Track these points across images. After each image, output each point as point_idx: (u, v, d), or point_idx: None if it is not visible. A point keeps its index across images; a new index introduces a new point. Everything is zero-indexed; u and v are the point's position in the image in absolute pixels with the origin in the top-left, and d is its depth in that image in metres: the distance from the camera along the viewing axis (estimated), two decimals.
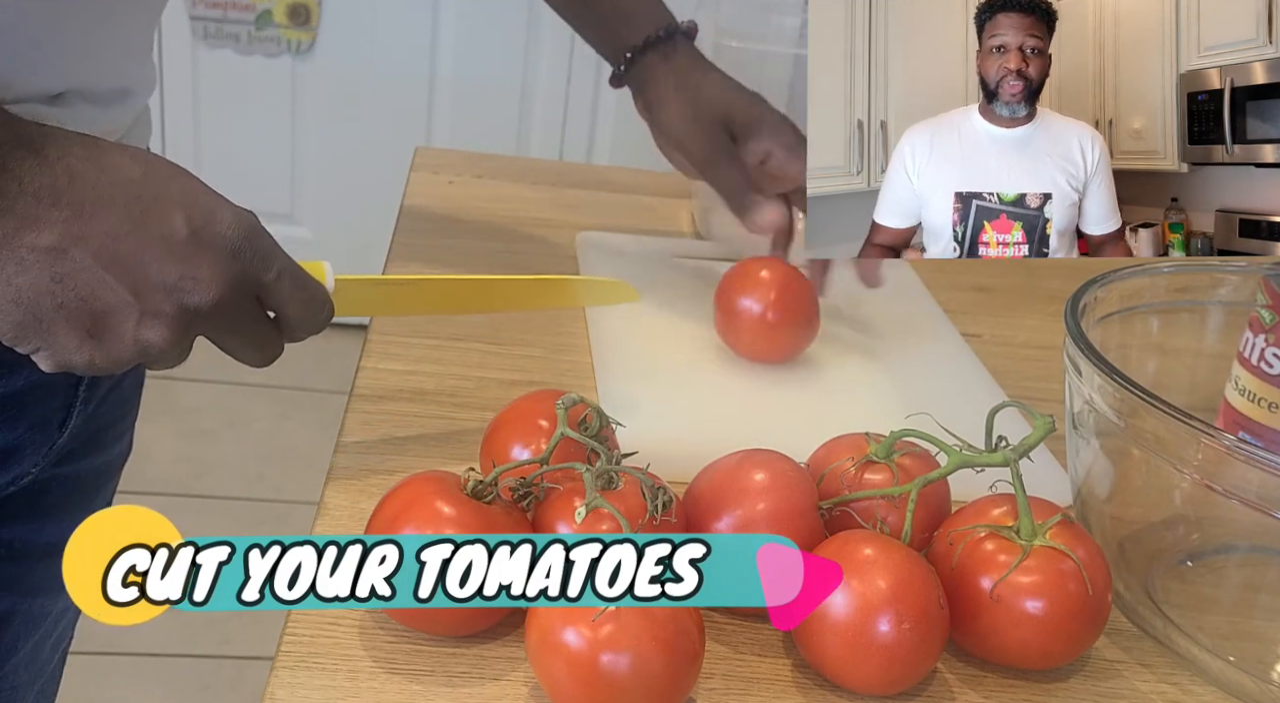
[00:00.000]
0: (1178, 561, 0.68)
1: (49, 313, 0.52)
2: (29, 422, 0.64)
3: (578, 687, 0.51)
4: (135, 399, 0.80)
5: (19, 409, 0.63)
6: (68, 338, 0.53)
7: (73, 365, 0.54)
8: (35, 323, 0.52)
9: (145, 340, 0.54)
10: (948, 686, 0.58)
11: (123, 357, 0.54)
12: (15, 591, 0.72)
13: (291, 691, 0.53)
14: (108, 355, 0.54)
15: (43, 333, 0.53)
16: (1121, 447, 0.64)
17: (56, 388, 0.65)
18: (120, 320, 0.53)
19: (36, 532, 0.72)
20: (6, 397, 0.62)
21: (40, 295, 0.51)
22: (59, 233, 0.51)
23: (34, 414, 0.64)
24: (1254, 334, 0.71)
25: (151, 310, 0.53)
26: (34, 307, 0.52)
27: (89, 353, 0.53)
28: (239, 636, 1.80)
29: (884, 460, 0.62)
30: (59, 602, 0.77)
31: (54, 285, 0.52)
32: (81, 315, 0.53)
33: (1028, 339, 0.95)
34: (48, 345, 0.53)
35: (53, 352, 0.54)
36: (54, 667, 0.83)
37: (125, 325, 0.53)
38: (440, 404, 0.76)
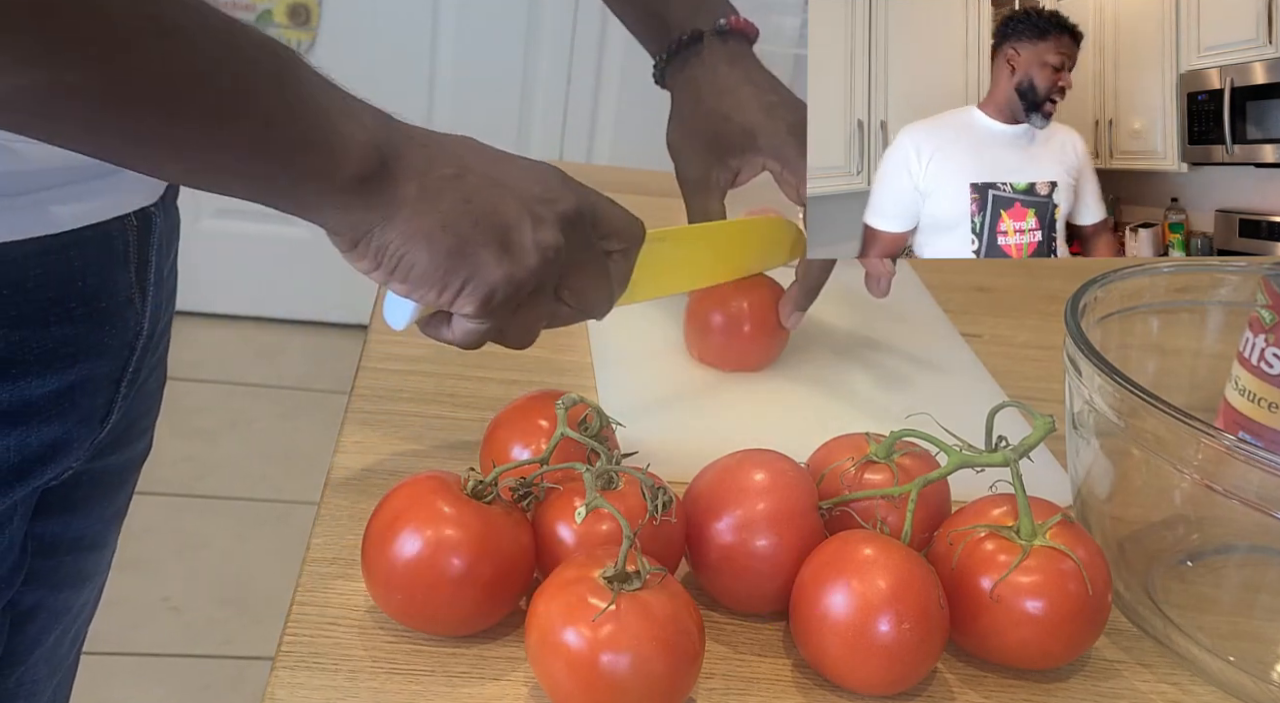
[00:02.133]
0: (1178, 561, 0.68)
1: (468, 232, 0.57)
2: (78, 416, 0.65)
3: (578, 687, 0.51)
4: (158, 397, 0.81)
5: (70, 404, 0.64)
6: (488, 254, 0.58)
7: (495, 286, 0.58)
8: (461, 246, 0.57)
9: (544, 242, 0.59)
10: (948, 686, 0.58)
11: (531, 263, 0.59)
12: (44, 585, 0.74)
13: (291, 691, 0.53)
14: (520, 265, 0.58)
15: (468, 256, 0.57)
16: (1121, 447, 0.64)
17: (101, 382, 0.66)
18: (520, 229, 0.59)
19: (66, 526, 0.74)
20: (60, 392, 0.62)
21: (459, 216, 0.57)
22: (452, 164, 0.58)
23: (82, 409, 0.65)
24: (1254, 334, 0.71)
25: (537, 216, 0.59)
26: (457, 228, 0.57)
27: (507, 267, 0.58)
28: (239, 636, 1.80)
29: (884, 460, 0.62)
30: (81, 595, 0.79)
31: (466, 205, 0.57)
32: (492, 229, 0.58)
33: (1028, 339, 0.95)
34: (473, 269, 0.57)
35: (479, 276, 0.58)
36: (71, 661, 0.84)
37: (524, 233, 0.59)
38: (440, 404, 0.76)
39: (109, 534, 0.81)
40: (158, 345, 0.74)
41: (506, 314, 0.60)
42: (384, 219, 0.56)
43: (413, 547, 0.55)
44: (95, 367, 0.64)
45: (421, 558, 0.55)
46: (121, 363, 0.67)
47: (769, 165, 0.80)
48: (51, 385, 0.62)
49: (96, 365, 0.64)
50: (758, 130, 0.79)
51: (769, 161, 0.79)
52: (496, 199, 0.59)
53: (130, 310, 0.67)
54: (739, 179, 0.82)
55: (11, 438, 0.61)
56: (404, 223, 0.56)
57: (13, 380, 0.60)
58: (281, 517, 2.04)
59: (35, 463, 0.63)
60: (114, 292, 0.65)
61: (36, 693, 0.78)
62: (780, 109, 0.79)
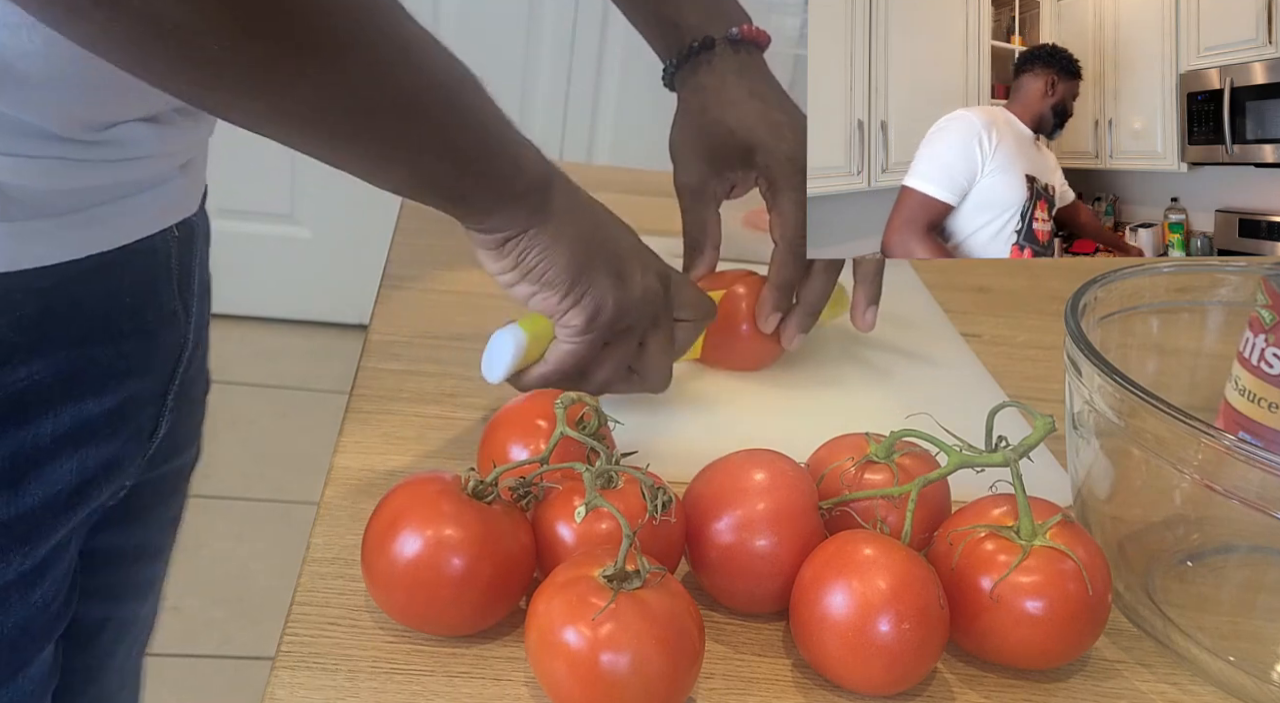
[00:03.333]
0: (1178, 561, 0.68)
1: (596, 252, 0.65)
2: (128, 433, 0.66)
3: (578, 687, 0.51)
4: (203, 402, 0.83)
5: (120, 422, 0.65)
6: (605, 277, 0.65)
7: (604, 304, 0.66)
8: (589, 262, 0.65)
9: (649, 286, 0.67)
10: (948, 686, 0.58)
11: (635, 296, 0.67)
12: (109, 597, 0.76)
13: (291, 691, 0.53)
14: (628, 295, 0.66)
15: (590, 273, 0.65)
16: (1121, 447, 0.64)
17: (148, 398, 0.67)
18: (633, 267, 0.67)
19: (126, 537, 0.76)
20: (113, 410, 0.64)
21: (591, 237, 0.65)
22: (580, 201, 0.66)
23: (132, 425, 0.66)
24: (1254, 334, 0.71)
25: (644, 263, 0.68)
26: (589, 246, 0.65)
27: (617, 292, 0.66)
28: (239, 636, 1.80)
29: (884, 460, 0.62)
30: (145, 605, 0.81)
31: (596, 230, 0.66)
32: (613, 257, 0.66)
33: (1028, 339, 0.95)
34: (592, 285, 0.65)
35: (595, 290, 0.65)
36: (137, 671, 0.87)
37: (635, 271, 0.67)
38: (440, 404, 0.76)
39: (166, 540, 0.83)
40: (198, 354, 0.75)
41: (598, 347, 0.67)
42: (540, 224, 0.63)
43: (413, 547, 0.55)
44: (143, 383, 0.66)
45: (421, 558, 0.55)
46: (167, 377, 0.69)
47: (759, 185, 0.80)
48: (107, 404, 0.63)
49: (144, 382, 0.66)
50: (757, 148, 0.79)
51: (760, 182, 0.80)
52: (617, 236, 0.68)
53: (175, 323, 0.68)
54: (734, 192, 0.83)
55: (73, 460, 0.62)
56: (554, 230, 0.64)
57: (74, 401, 0.61)
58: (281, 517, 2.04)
59: (92, 485, 0.64)
60: (159, 305, 0.66)
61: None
62: (784, 130, 0.79)
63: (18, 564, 0.60)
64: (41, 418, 0.59)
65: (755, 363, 0.83)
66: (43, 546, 0.61)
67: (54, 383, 0.60)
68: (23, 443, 0.59)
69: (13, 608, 0.61)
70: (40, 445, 0.60)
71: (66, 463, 0.61)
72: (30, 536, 0.60)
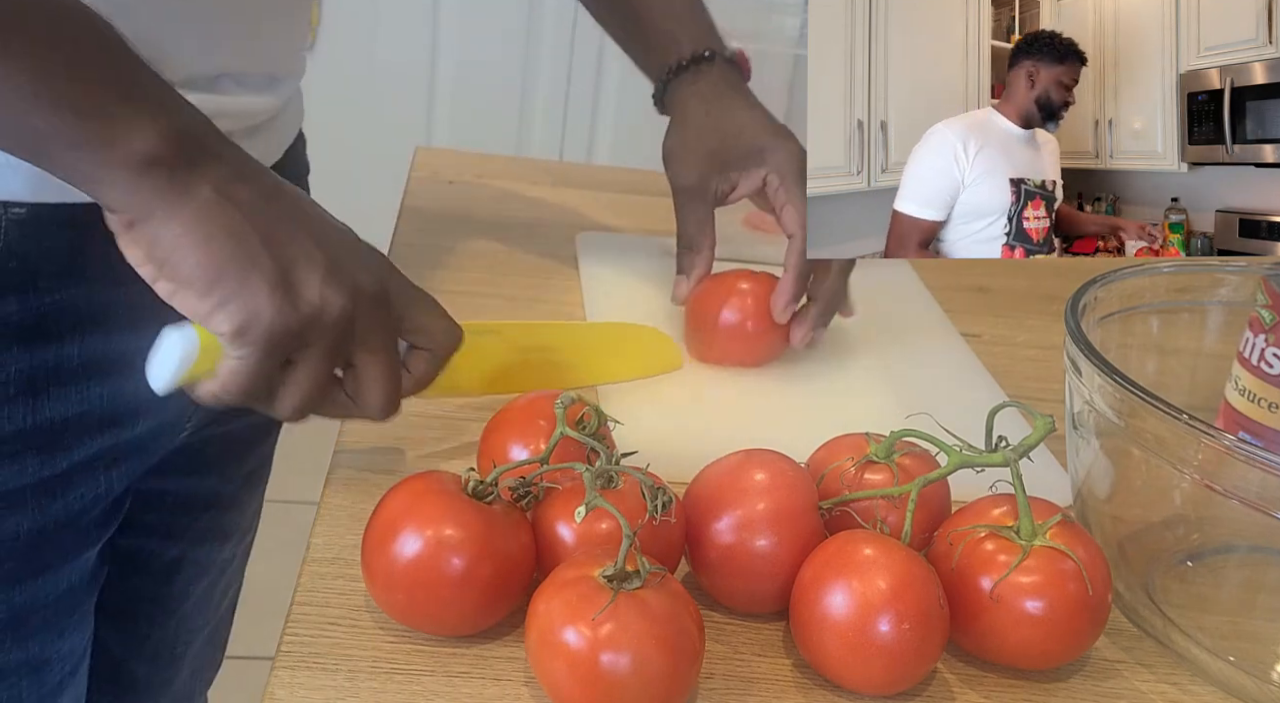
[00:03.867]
0: (1178, 561, 0.68)
1: (250, 250, 0.55)
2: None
3: (578, 687, 0.51)
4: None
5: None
6: (261, 281, 0.55)
7: (257, 315, 0.55)
8: (236, 260, 0.55)
9: (328, 298, 0.57)
10: (948, 686, 0.58)
11: (305, 312, 0.56)
12: (183, 539, 0.82)
13: (291, 691, 0.53)
14: (294, 307, 0.56)
15: (241, 273, 0.55)
16: (1121, 447, 0.64)
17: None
18: (308, 274, 0.56)
19: (196, 485, 0.81)
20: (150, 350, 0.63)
21: (247, 233, 0.55)
22: (259, 189, 0.57)
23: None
24: (1254, 334, 0.71)
25: (333, 273, 0.57)
26: (239, 241, 0.55)
27: (278, 302, 0.55)
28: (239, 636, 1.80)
29: (884, 460, 0.62)
30: (224, 550, 0.87)
31: (261, 227, 0.55)
32: (277, 259, 0.56)
33: (1028, 339, 0.95)
34: (241, 288, 0.55)
35: (243, 297, 0.55)
36: (224, 611, 0.94)
37: (311, 280, 0.56)
38: (440, 404, 0.75)
39: (246, 494, 0.88)
40: None
41: (271, 363, 0.57)
42: (167, 209, 0.54)
43: (413, 547, 0.55)
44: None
45: (421, 558, 0.55)
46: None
47: (770, 179, 0.81)
48: (147, 342, 0.60)
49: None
50: (768, 145, 0.81)
51: (771, 175, 0.81)
52: (297, 237, 0.57)
53: None
54: (734, 194, 0.84)
55: (105, 387, 0.64)
56: (187, 219, 0.55)
57: (105, 334, 0.64)
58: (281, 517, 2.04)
59: (129, 414, 0.67)
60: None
61: (193, 640, 0.88)
62: (786, 134, 0.82)
63: (34, 470, 0.63)
64: (66, 342, 0.62)
65: (757, 359, 0.83)
66: (63, 459, 0.64)
67: (82, 312, 0.62)
68: (44, 361, 0.61)
69: (29, 511, 0.63)
70: (64, 366, 0.62)
71: (97, 387, 0.64)
72: (50, 446, 0.63)
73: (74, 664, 0.71)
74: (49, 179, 0.55)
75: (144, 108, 0.54)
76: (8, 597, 0.65)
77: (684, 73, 0.83)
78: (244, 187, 0.56)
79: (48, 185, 0.57)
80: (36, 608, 0.66)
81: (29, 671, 0.67)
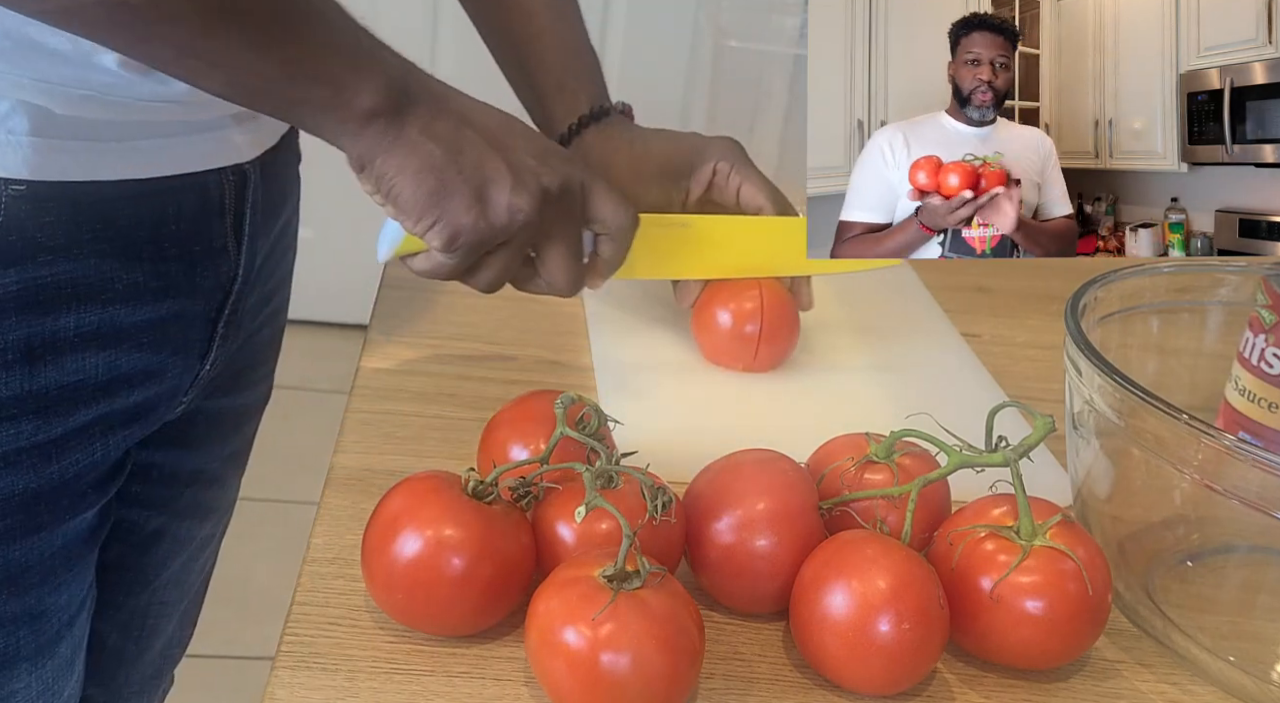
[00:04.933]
0: (1178, 561, 0.68)
1: (450, 178, 0.65)
2: (172, 348, 0.71)
3: (578, 687, 0.51)
4: (275, 346, 0.91)
5: (163, 336, 0.70)
6: (460, 201, 0.66)
7: (460, 229, 0.66)
8: (440, 188, 0.65)
9: (516, 206, 0.67)
10: (948, 686, 0.58)
11: (498, 220, 0.67)
12: (165, 512, 0.84)
13: (291, 691, 0.53)
14: (487, 218, 0.67)
15: (444, 198, 0.66)
16: (1121, 447, 0.64)
17: (195, 319, 0.72)
18: (498, 187, 0.67)
19: (183, 459, 0.83)
20: (152, 322, 0.69)
21: (446, 164, 0.65)
22: (455, 119, 0.67)
23: (176, 341, 0.71)
24: (1254, 334, 0.71)
25: (520, 183, 0.67)
26: (442, 172, 0.65)
27: (474, 216, 0.66)
28: (239, 636, 1.80)
29: (884, 460, 0.62)
30: (203, 528, 0.90)
31: (456, 155, 0.66)
32: (472, 181, 0.66)
33: (1028, 339, 0.95)
34: (445, 212, 0.66)
35: (448, 217, 0.66)
36: (197, 590, 0.96)
37: (501, 194, 0.67)
38: (440, 404, 0.76)
39: (228, 474, 0.91)
40: (263, 296, 0.81)
41: (473, 258, 0.69)
42: (385, 151, 0.64)
43: (413, 547, 0.55)
44: (189, 304, 0.71)
45: (421, 558, 0.55)
46: (217, 304, 0.73)
47: (718, 167, 0.83)
48: (143, 316, 0.68)
49: (190, 303, 0.71)
50: (702, 146, 0.84)
51: (719, 164, 0.83)
52: (486, 157, 0.66)
53: (225, 256, 0.72)
54: (690, 197, 0.84)
55: (100, 357, 0.67)
56: (400, 157, 0.64)
57: (101, 306, 0.66)
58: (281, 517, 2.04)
59: (124, 384, 0.69)
60: (210, 238, 0.71)
61: (166, 614, 0.90)
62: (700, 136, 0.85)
63: (30, 434, 0.65)
64: (63, 312, 0.64)
65: (766, 364, 0.83)
66: (59, 424, 0.66)
67: (80, 284, 0.65)
68: (41, 330, 0.64)
69: (24, 472, 0.66)
70: (61, 336, 0.65)
71: (93, 357, 0.67)
72: (47, 412, 0.66)
73: (71, 615, 0.73)
74: (48, 157, 0.61)
75: (365, 71, 0.62)
76: (5, 552, 0.67)
77: (588, 126, 0.85)
78: (441, 122, 0.65)
79: (47, 163, 0.61)
80: (33, 563, 0.68)
81: (27, 620, 0.69)
